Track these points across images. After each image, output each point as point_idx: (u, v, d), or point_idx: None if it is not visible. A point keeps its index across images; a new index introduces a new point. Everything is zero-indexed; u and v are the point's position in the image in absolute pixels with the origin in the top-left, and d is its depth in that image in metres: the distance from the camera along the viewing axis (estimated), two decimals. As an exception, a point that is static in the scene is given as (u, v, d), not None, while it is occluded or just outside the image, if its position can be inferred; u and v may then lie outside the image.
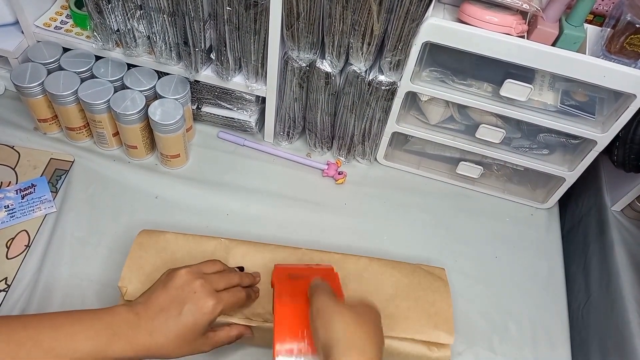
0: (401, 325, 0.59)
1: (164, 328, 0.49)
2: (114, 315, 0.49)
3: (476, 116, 0.74)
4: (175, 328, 0.49)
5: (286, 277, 0.55)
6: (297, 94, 0.76)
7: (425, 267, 0.66)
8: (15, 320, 0.46)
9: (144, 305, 0.50)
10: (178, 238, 0.63)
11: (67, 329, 0.46)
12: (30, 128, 0.81)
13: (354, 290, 0.61)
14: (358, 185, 0.83)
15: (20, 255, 0.67)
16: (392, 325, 0.59)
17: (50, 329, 0.46)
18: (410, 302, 0.61)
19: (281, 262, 0.62)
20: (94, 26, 0.73)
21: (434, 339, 0.59)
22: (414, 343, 0.59)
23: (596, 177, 0.83)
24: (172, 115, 0.71)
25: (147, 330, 0.49)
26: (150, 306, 0.50)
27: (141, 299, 0.51)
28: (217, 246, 0.63)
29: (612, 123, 0.66)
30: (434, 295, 0.62)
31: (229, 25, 0.68)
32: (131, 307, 0.50)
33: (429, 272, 0.65)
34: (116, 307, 0.50)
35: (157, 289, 0.51)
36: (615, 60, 0.63)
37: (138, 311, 0.49)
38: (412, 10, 0.60)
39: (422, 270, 0.65)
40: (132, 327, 0.48)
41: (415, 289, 0.62)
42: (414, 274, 0.64)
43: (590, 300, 0.73)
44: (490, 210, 0.83)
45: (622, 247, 0.73)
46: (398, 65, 0.68)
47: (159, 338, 0.49)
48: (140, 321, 0.49)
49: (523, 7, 0.60)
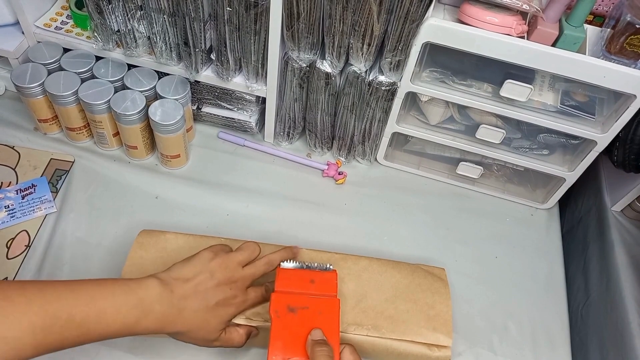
0: (400, 328, 0.59)
1: (194, 309, 0.49)
2: (147, 289, 0.48)
3: (476, 116, 0.74)
4: (203, 313, 0.50)
5: (285, 309, 0.53)
6: (297, 95, 0.76)
7: (425, 267, 0.66)
8: (49, 288, 0.44)
9: (178, 283, 0.50)
10: (178, 238, 0.63)
11: (98, 303, 0.45)
12: (31, 128, 0.81)
13: (354, 290, 0.61)
14: (358, 185, 0.83)
15: (20, 256, 0.67)
16: (391, 327, 0.59)
17: (84, 303, 0.45)
18: (410, 304, 0.61)
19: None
20: (95, 27, 0.73)
21: (433, 341, 0.59)
22: (413, 343, 0.59)
23: (596, 178, 0.83)
24: (173, 115, 0.71)
25: (178, 309, 0.49)
26: (184, 285, 0.50)
27: (174, 273, 0.51)
28: None
29: (612, 123, 0.66)
30: (434, 297, 0.62)
31: (229, 26, 0.68)
32: (165, 282, 0.49)
33: (429, 273, 0.65)
34: (149, 281, 0.49)
35: (192, 267, 0.52)
36: (615, 61, 0.63)
37: (173, 288, 0.49)
38: (412, 10, 0.61)
39: (422, 270, 0.65)
40: (165, 304, 0.48)
41: (414, 290, 0.62)
42: (414, 274, 0.64)
43: (590, 301, 0.73)
44: (490, 210, 0.83)
45: (622, 247, 0.73)
46: (398, 66, 0.68)
47: (188, 318, 0.49)
48: (174, 299, 0.49)
49: (523, 8, 0.60)
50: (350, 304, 0.60)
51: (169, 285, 0.49)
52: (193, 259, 0.53)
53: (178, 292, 0.49)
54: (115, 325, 0.45)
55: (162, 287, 0.49)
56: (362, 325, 0.59)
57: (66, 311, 0.43)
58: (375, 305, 0.60)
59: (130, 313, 0.46)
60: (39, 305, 0.42)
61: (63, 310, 0.43)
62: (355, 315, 0.59)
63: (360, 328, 0.58)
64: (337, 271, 0.60)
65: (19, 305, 0.42)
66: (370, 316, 0.60)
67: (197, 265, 0.52)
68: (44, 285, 0.45)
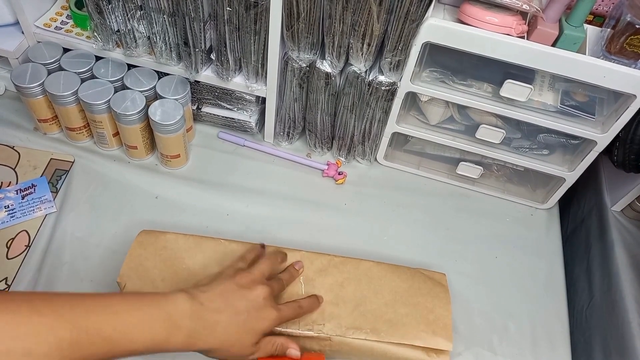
0: (399, 331, 0.59)
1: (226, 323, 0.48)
2: (176, 303, 0.46)
3: (476, 116, 0.74)
4: (236, 327, 0.48)
5: None
6: (297, 95, 0.76)
7: (426, 271, 0.66)
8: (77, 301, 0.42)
9: (208, 295, 0.48)
10: (178, 238, 0.63)
11: (125, 318, 0.43)
12: (31, 128, 0.81)
13: (353, 293, 0.61)
14: (358, 185, 0.83)
15: (20, 256, 0.67)
16: (390, 331, 0.59)
17: (112, 316, 0.43)
18: (409, 308, 0.61)
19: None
20: (94, 27, 0.73)
21: (432, 345, 0.58)
22: (412, 349, 0.59)
23: (596, 178, 0.83)
24: (172, 115, 0.71)
25: (210, 323, 0.47)
26: (215, 298, 0.48)
27: (202, 288, 0.49)
28: (216, 247, 0.63)
29: (612, 123, 0.66)
30: (434, 301, 0.62)
31: (229, 26, 0.68)
32: (194, 296, 0.48)
33: (429, 277, 0.65)
34: (177, 295, 0.47)
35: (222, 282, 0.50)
36: (615, 61, 0.63)
37: (202, 301, 0.47)
38: (412, 10, 0.61)
39: (422, 275, 0.65)
40: (195, 319, 0.46)
41: (414, 295, 0.62)
42: (414, 279, 0.64)
43: (594, 301, 0.73)
44: (490, 210, 0.83)
45: (622, 247, 0.73)
46: (398, 66, 0.68)
47: (220, 333, 0.47)
48: (205, 313, 0.47)
49: (523, 8, 0.60)
50: (349, 308, 0.60)
51: (197, 299, 0.48)
52: (218, 276, 0.52)
53: (209, 306, 0.48)
54: (144, 341, 0.43)
55: (191, 301, 0.47)
56: (361, 329, 0.58)
57: (95, 326, 0.41)
58: (375, 309, 0.60)
59: (159, 328, 0.44)
60: (68, 319, 0.40)
61: (92, 325, 0.41)
62: (354, 319, 0.59)
63: (358, 332, 0.58)
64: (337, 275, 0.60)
65: (48, 319, 0.40)
66: (369, 320, 0.59)
67: (223, 281, 0.51)
68: (71, 298, 0.43)
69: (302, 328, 0.58)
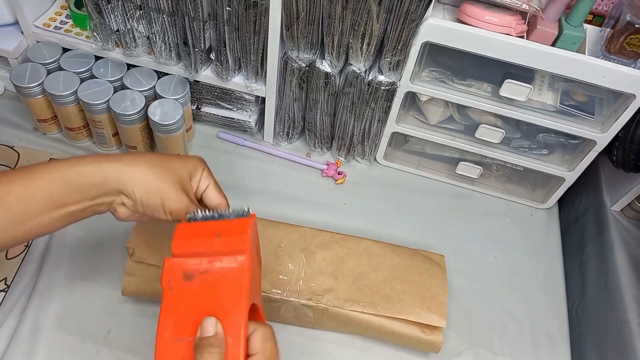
0: (395, 306, 0.60)
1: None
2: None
3: (476, 116, 0.74)
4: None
5: (180, 278, 0.42)
6: (297, 94, 0.76)
7: (425, 252, 0.67)
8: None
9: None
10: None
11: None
12: (30, 128, 0.81)
13: (352, 268, 0.63)
14: (358, 185, 0.83)
15: (19, 256, 0.67)
16: (387, 305, 0.60)
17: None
18: (406, 285, 0.62)
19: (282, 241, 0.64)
20: (94, 26, 0.73)
21: (427, 321, 0.60)
22: (407, 324, 0.60)
23: (596, 177, 0.83)
24: (172, 115, 0.71)
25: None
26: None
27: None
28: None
29: (611, 123, 0.66)
30: (431, 280, 0.63)
31: (228, 26, 0.68)
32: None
33: (427, 258, 0.66)
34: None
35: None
36: (615, 60, 0.63)
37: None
38: (412, 10, 0.61)
39: (421, 255, 0.66)
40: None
41: (412, 273, 0.63)
42: (413, 258, 0.65)
43: (586, 300, 0.73)
44: (490, 210, 0.83)
45: (622, 247, 0.73)
46: (398, 66, 0.68)
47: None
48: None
49: (522, 8, 0.60)
50: (348, 282, 0.62)
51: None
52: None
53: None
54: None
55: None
56: (358, 302, 0.60)
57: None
58: (373, 284, 0.62)
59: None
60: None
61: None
62: (352, 292, 0.61)
63: (356, 305, 0.60)
64: (338, 250, 0.60)
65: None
66: (367, 294, 0.61)
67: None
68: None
69: (301, 298, 0.60)
